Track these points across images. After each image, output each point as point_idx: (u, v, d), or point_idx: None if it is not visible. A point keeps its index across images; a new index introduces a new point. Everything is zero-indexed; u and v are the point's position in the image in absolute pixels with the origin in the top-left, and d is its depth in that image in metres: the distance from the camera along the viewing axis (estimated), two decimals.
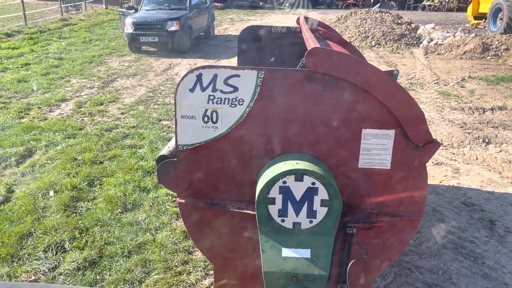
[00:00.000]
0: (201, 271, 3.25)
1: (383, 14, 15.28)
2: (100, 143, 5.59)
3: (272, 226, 2.08)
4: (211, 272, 3.15)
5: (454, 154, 5.47)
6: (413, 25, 15.00)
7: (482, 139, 5.87)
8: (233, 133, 2.15)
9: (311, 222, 2.05)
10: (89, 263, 3.32)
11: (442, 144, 5.76)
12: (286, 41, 4.32)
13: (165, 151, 2.41)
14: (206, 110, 2.12)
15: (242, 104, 2.10)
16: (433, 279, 3.21)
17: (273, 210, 2.05)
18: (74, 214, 3.98)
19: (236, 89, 2.08)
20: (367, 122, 2.09)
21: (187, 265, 3.31)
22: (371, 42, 13.44)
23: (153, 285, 3.11)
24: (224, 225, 2.33)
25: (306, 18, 4.10)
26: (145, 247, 3.52)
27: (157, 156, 2.36)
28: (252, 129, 2.14)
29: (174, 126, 2.19)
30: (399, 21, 14.80)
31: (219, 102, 2.10)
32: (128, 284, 3.13)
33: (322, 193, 2.00)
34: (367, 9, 16.86)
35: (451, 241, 3.68)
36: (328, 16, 20.54)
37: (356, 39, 13.75)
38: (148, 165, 4.93)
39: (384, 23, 14.36)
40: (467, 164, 5.21)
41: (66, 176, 4.67)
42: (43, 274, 3.21)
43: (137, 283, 3.14)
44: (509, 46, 11.11)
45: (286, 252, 2.04)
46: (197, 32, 13.66)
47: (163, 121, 6.60)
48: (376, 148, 2.12)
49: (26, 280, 3.13)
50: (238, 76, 2.06)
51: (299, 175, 1.98)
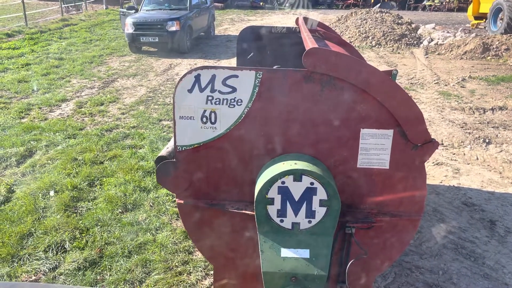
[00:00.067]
0: (202, 271, 3.25)
1: (384, 14, 15.27)
2: (101, 143, 5.60)
3: (271, 226, 2.08)
4: (212, 272, 3.15)
5: (455, 154, 5.47)
6: (414, 25, 14.99)
7: (483, 139, 5.86)
8: (232, 134, 2.15)
9: (310, 222, 2.06)
10: (90, 263, 3.32)
11: (442, 144, 5.76)
12: (286, 41, 4.32)
13: (164, 152, 2.42)
14: (205, 111, 2.13)
15: (241, 105, 2.10)
16: (434, 279, 3.21)
17: (272, 210, 2.05)
18: (75, 214, 3.99)
19: (235, 90, 2.08)
20: (366, 122, 2.09)
21: (188, 265, 3.32)
22: (372, 42, 13.43)
23: (154, 285, 3.11)
24: (224, 225, 2.33)
25: (306, 19, 4.10)
26: (146, 247, 3.52)
27: (156, 157, 2.37)
28: (251, 130, 2.14)
29: (173, 127, 2.19)
30: (400, 21, 14.79)
31: (218, 103, 2.10)
32: (129, 284, 3.13)
33: (321, 193, 2.00)
34: (368, 9, 16.85)
35: (452, 241, 3.68)
36: (329, 16, 20.55)
37: (357, 39, 13.75)
38: (149, 165, 4.93)
39: (385, 23, 14.35)
40: (468, 164, 5.20)
41: (67, 176, 4.68)
42: (44, 274, 3.22)
43: (138, 283, 3.14)
44: (510, 46, 11.10)
45: (285, 252, 2.04)
46: (198, 32, 13.67)
47: (164, 121, 6.61)
48: (375, 148, 2.13)
49: (27, 280, 3.14)
50: (237, 77, 2.06)
51: (298, 175, 1.99)
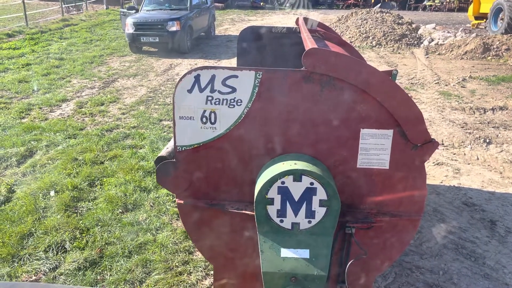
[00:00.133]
0: (202, 271, 3.25)
1: (384, 14, 15.27)
2: (101, 143, 5.60)
3: (271, 227, 2.08)
4: (212, 272, 3.15)
5: (455, 154, 5.46)
6: (414, 25, 14.98)
7: (483, 139, 5.86)
8: (232, 134, 2.15)
9: (310, 222, 2.06)
10: (90, 263, 3.32)
11: (443, 144, 5.75)
12: (286, 41, 4.31)
13: (164, 152, 2.42)
14: (205, 111, 2.13)
15: (240, 105, 2.10)
16: (434, 279, 3.21)
17: (272, 211, 2.05)
18: (75, 214, 3.99)
19: (234, 90, 2.08)
20: (366, 122, 2.09)
21: (188, 265, 3.32)
22: (372, 42, 13.42)
23: (154, 285, 3.12)
24: (223, 226, 2.33)
25: (306, 19, 4.10)
26: (146, 247, 3.52)
27: (156, 157, 2.37)
28: (251, 130, 2.14)
29: (173, 127, 2.20)
30: (400, 21, 14.78)
31: (217, 103, 2.11)
32: (129, 284, 3.13)
33: (321, 193, 2.00)
34: (368, 9, 16.85)
35: (452, 241, 3.68)
36: (329, 16, 20.54)
37: (357, 39, 13.74)
38: (149, 165, 4.93)
39: (385, 23, 14.35)
40: (468, 164, 5.20)
41: (67, 176, 4.68)
42: (44, 274, 3.22)
43: (138, 283, 3.14)
44: (510, 46, 11.09)
45: (285, 253, 2.04)
46: (198, 33, 13.67)
47: (164, 121, 6.61)
48: (375, 148, 2.13)
49: (27, 280, 3.14)
50: (236, 77, 2.06)
51: (298, 175, 1.99)
